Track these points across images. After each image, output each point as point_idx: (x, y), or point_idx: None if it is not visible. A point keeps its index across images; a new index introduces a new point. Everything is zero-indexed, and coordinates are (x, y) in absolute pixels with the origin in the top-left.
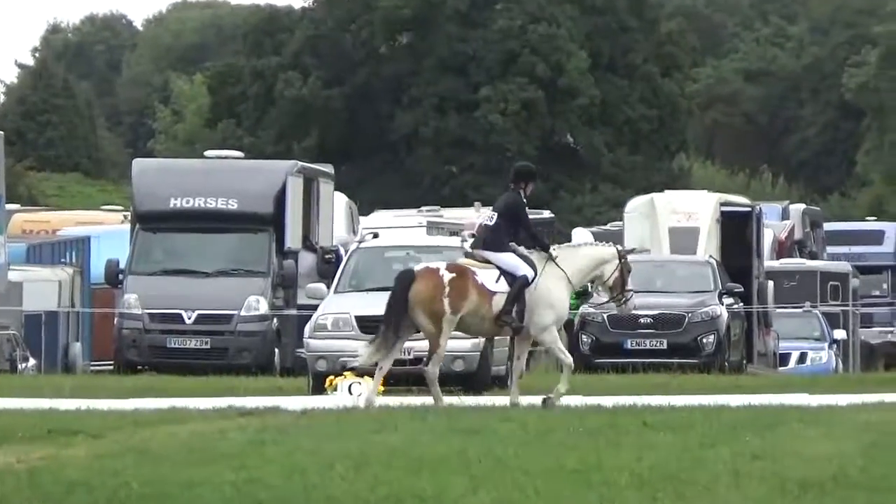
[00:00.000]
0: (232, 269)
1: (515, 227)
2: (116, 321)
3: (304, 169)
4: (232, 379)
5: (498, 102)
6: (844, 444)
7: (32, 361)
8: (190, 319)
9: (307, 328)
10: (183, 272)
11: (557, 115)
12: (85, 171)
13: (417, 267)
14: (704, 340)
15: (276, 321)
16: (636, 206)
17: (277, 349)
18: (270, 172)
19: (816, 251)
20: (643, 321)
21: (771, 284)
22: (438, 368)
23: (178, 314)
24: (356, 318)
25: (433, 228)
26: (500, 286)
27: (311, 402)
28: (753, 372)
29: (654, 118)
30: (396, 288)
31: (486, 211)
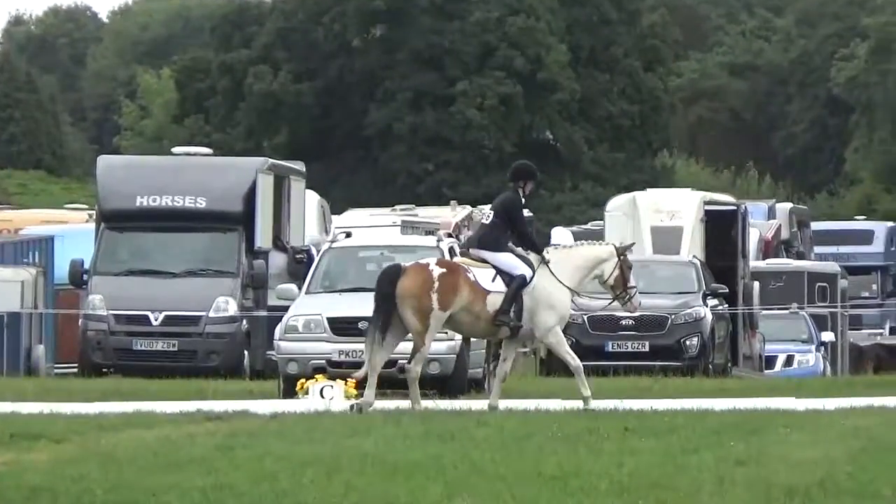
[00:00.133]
0: (200, 269)
1: (512, 226)
2: (81, 323)
3: (274, 166)
4: (200, 382)
5: (475, 97)
6: (832, 449)
7: None
8: (157, 321)
9: (278, 330)
10: (149, 272)
11: (536, 110)
12: (48, 168)
13: (406, 262)
14: (688, 343)
15: (245, 323)
16: (617, 204)
17: (247, 351)
18: (240, 170)
19: (804, 251)
20: (625, 323)
21: (757, 285)
22: (421, 367)
23: (144, 315)
24: (328, 319)
25: (408, 228)
26: (496, 286)
27: (281, 405)
28: (738, 375)
29: (635, 114)
30: (383, 283)
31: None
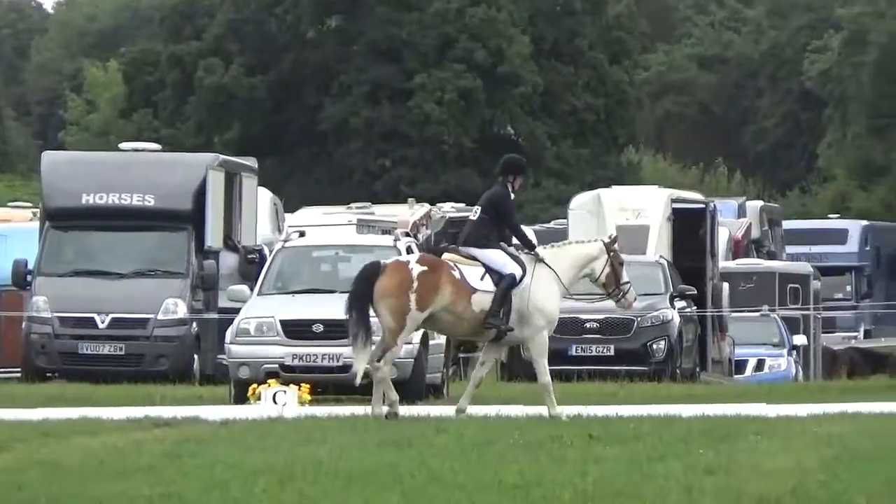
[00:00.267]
0: (148, 269)
1: (500, 222)
2: (24, 325)
3: (225, 162)
4: (148, 387)
5: (433, 91)
6: (804, 457)
7: None
8: (103, 323)
9: (229, 333)
10: (96, 273)
11: (497, 104)
12: None
13: (386, 259)
14: (654, 346)
15: (195, 325)
16: (581, 202)
17: (197, 355)
18: (189, 166)
19: (775, 251)
20: (589, 326)
21: (726, 286)
22: (390, 368)
23: (90, 318)
24: (281, 322)
25: (364, 226)
26: (484, 284)
27: (232, 411)
28: (707, 380)
29: (600, 108)
30: (360, 282)
31: (419, 207)
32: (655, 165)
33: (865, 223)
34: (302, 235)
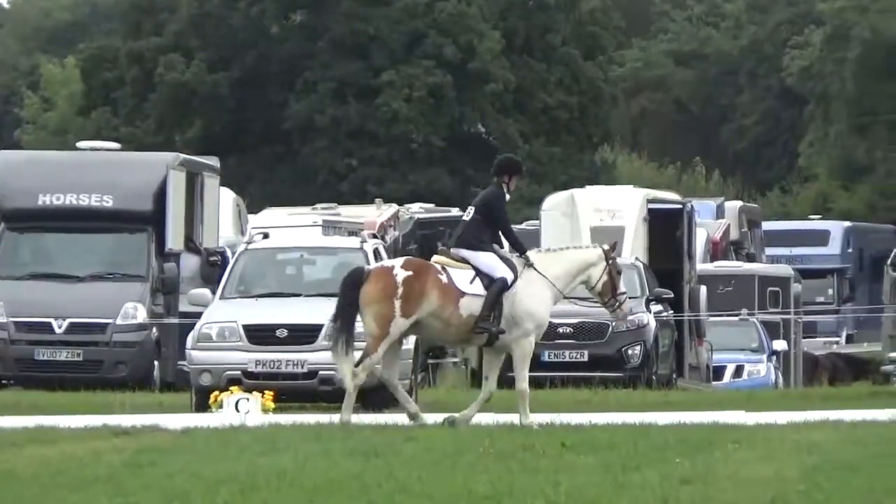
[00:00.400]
0: (107, 272)
1: (493, 223)
2: None
3: (186, 162)
4: (107, 394)
5: (402, 88)
6: (784, 466)
7: None
8: (60, 329)
9: (190, 338)
10: (53, 276)
11: (467, 102)
12: None
13: (370, 266)
14: (630, 352)
15: (155, 330)
16: (555, 203)
17: (157, 361)
18: (149, 166)
19: (754, 253)
20: (562, 331)
21: (704, 290)
22: (366, 376)
23: (47, 323)
24: (244, 327)
25: (330, 228)
26: (473, 288)
27: (193, 419)
28: (684, 387)
29: (574, 106)
30: (346, 289)
31: (387, 208)
32: (631, 165)
33: (848, 224)
34: (265, 237)
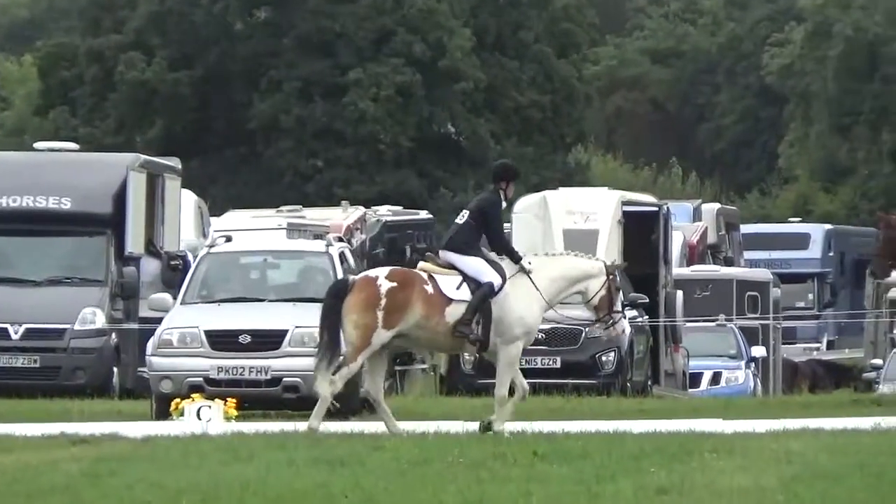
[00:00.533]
0: (65, 277)
1: (486, 230)
2: None
3: (147, 163)
4: (65, 402)
5: (369, 87)
6: (763, 476)
7: None
8: (17, 334)
9: (150, 344)
10: (8, 281)
11: (437, 101)
12: None
13: (355, 276)
14: (604, 358)
15: (114, 336)
16: (526, 205)
17: (116, 368)
18: (109, 167)
19: (732, 257)
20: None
21: (680, 294)
22: (342, 384)
23: (2, 328)
24: (206, 332)
25: (294, 231)
26: (460, 294)
27: (154, 428)
28: (660, 394)
29: (547, 105)
30: (330, 301)
31: (353, 210)
32: (605, 166)
33: (829, 227)
34: (228, 240)
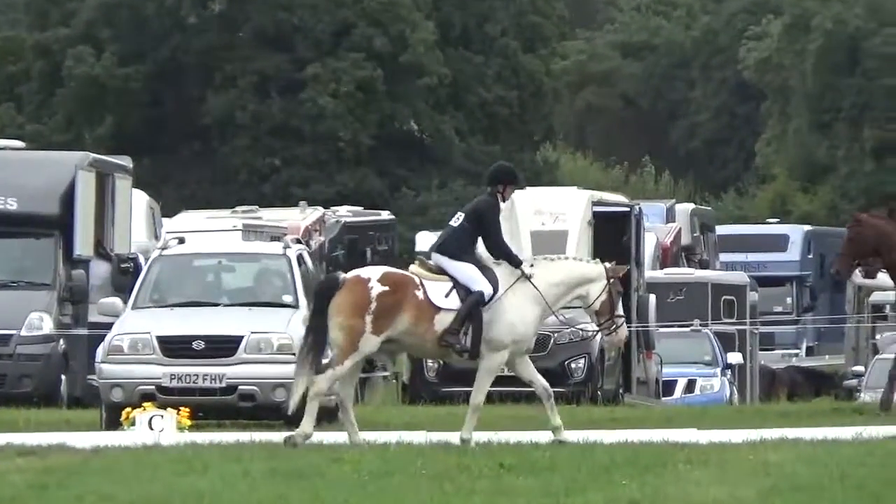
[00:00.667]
0: (10, 280)
1: (483, 234)
2: None
3: (96, 162)
4: (10, 410)
5: (328, 83)
6: (739, 488)
7: None
8: None
9: (100, 351)
10: None
11: (399, 97)
12: None
13: (345, 274)
14: (573, 365)
15: (62, 342)
16: None
17: (64, 376)
18: (57, 166)
19: (707, 259)
20: None
21: (653, 298)
22: (327, 385)
23: None
24: (158, 338)
25: (250, 232)
26: (449, 302)
27: (104, 438)
28: (632, 403)
29: (514, 101)
30: (319, 298)
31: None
32: (575, 164)
33: (808, 228)
34: (181, 242)
